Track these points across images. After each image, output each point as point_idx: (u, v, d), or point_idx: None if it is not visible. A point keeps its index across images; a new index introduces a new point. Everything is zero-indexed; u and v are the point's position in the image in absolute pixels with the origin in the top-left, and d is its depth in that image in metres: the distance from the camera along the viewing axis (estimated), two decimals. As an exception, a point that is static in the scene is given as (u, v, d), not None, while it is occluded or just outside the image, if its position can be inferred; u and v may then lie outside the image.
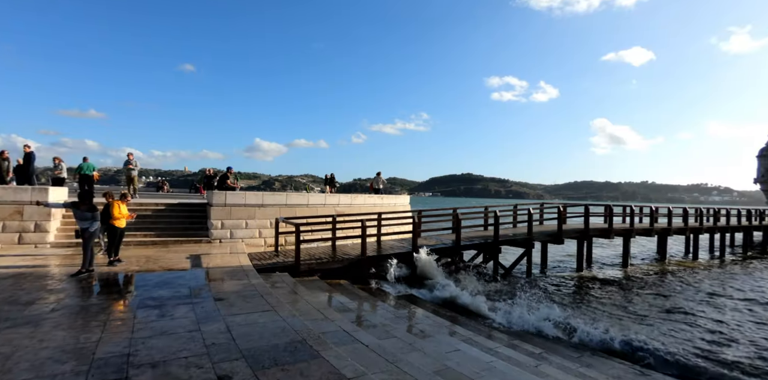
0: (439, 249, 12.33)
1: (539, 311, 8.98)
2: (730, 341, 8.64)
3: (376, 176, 19.89)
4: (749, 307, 11.62)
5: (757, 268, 18.96)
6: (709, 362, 7.37)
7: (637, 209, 18.82)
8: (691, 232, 21.24)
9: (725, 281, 15.54)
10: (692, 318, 10.26)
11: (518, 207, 16.33)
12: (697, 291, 13.51)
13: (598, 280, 14.60)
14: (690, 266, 18.70)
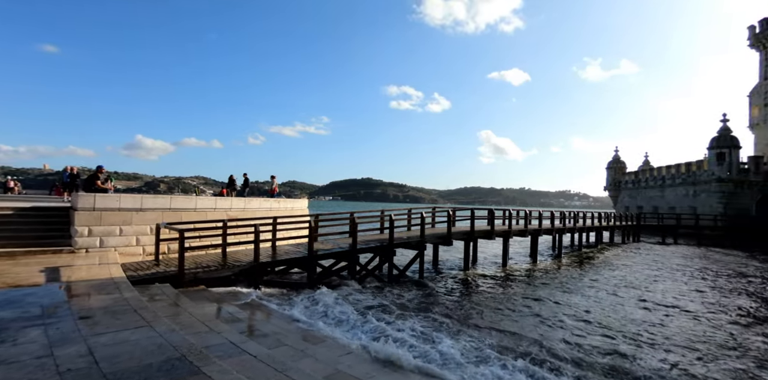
0: (336, 253, 12.36)
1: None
2: (593, 324, 10.10)
3: (270, 180, 19.28)
4: (606, 292, 13.72)
5: (607, 261, 22.44)
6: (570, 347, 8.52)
7: (514, 213, 21.03)
8: (556, 232, 24.39)
9: (584, 273, 18.11)
10: (555, 305, 11.77)
11: (412, 211, 17.13)
12: (560, 282, 15.54)
13: (481, 278, 15.96)
14: (555, 262, 21.47)
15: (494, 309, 11.32)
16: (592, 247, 28.98)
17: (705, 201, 37.17)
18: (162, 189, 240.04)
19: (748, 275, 18.56)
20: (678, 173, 41.62)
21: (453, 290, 13.49)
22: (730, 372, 7.38)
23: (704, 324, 10.45)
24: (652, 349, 8.45)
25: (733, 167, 35.08)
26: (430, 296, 12.23)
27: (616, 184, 52.92)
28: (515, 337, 8.85)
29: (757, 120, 39.35)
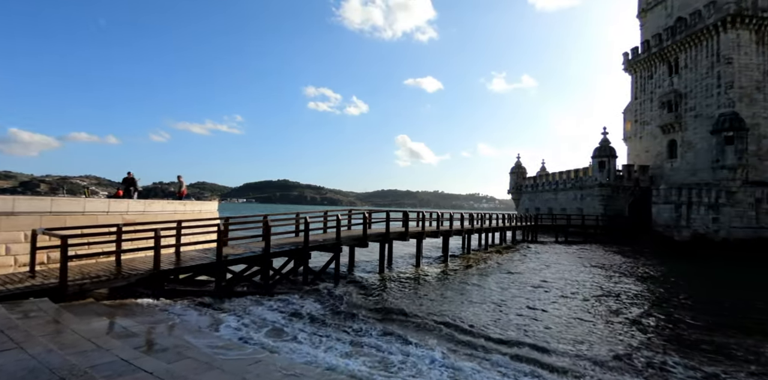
0: (247, 258, 11.85)
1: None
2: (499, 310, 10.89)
3: (177, 181, 17.91)
4: (508, 285, 14.87)
5: (512, 259, 24.37)
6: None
7: (427, 215, 21.95)
8: (466, 233, 25.94)
9: (481, 271, 19.47)
10: (466, 297, 12.53)
11: (328, 213, 17.04)
12: (468, 278, 16.55)
13: (395, 277, 16.40)
14: (464, 260, 22.81)
15: (409, 301, 11.72)
16: (497, 246, 31.28)
17: (590, 203, 42.17)
18: (43, 190, 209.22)
19: (605, 265, 21.48)
20: (569, 179, 46.70)
21: (368, 291, 13.67)
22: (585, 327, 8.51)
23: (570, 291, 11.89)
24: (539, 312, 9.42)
25: (611, 173, 40.29)
26: (344, 298, 12.26)
27: (518, 188, 57.79)
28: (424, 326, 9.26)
29: (629, 134, 45.67)
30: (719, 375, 7.52)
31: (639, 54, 42.86)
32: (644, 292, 15.42)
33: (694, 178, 35.42)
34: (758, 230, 32.24)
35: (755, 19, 32.85)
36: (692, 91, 36.49)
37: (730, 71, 33.15)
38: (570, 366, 7.69)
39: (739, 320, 11.47)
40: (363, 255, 21.50)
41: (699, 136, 35.44)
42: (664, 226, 34.49)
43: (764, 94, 33.28)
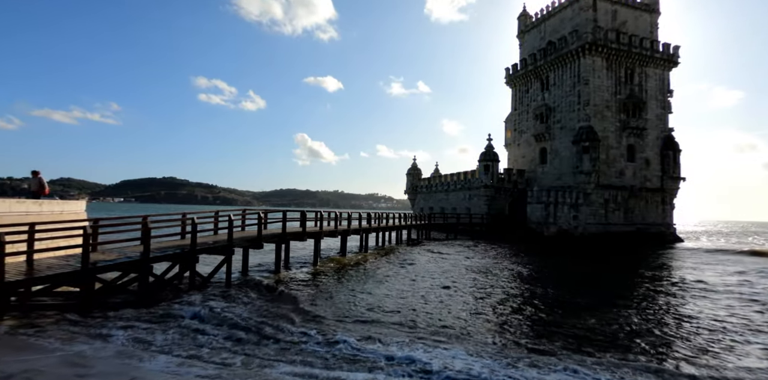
0: (122, 264, 10.58)
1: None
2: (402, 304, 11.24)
3: (32, 177, 15.21)
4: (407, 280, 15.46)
5: (406, 258, 25.42)
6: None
7: (326, 215, 21.88)
8: (364, 232, 26.43)
9: (379, 267, 20.08)
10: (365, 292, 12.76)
11: (220, 213, 16.01)
12: (368, 275, 16.89)
13: (292, 278, 16.04)
14: (362, 259, 23.22)
15: (307, 303, 11.55)
16: (393, 244, 32.45)
17: (476, 203, 46.02)
18: None
19: (486, 258, 23.84)
20: (459, 180, 50.40)
21: (261, 294, 13.16)
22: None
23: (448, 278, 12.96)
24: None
25: (494, 176, 44.48)
26: (233, 303, 11.63)
27: (414, 188, 60.67)
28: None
29: (509, 141, 50.93)
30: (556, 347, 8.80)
31: (518, 70, 47.99)
32: (509, 278, 17.34)
33: (560, 181, 40.75)
34: (606, 226, 38.32)
35: (605, 49, 38.98)
36: (559, 106, 41.97)
37: (587, 91, 38.85)
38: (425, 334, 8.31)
39: (575, 299, 13.55)
40: (258, 257, 20.65)
41: (564, 145, 40.88)
42: (536, 223, 39.09)
43: (611, 111, 39.66)
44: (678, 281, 18.44)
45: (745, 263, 25.82)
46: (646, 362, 8.16)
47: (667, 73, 42.44)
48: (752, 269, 22.64)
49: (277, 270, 16.97)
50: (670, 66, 42.31)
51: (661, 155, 41.45)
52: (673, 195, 41.95)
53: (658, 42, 41.84)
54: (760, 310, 12.91)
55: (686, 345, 9.34)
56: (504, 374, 7.12)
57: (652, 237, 39.81)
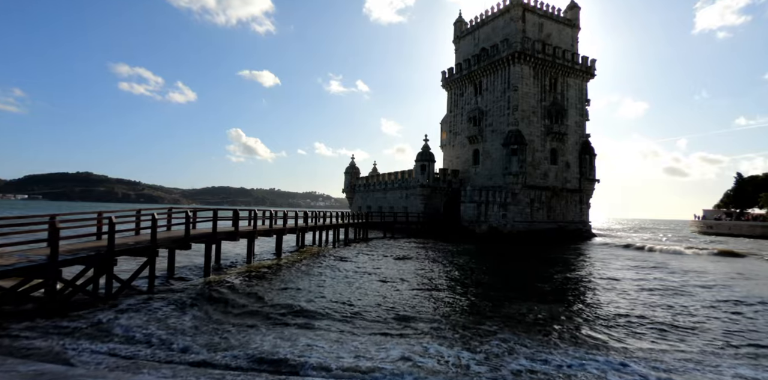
0: (22, 269, 9.50)
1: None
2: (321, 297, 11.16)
3: None
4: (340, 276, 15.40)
5: (343, 255, 25.35)
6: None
7: (260, 213, 21.23)
8: (300, 231, 26.00)
9: (317, 265, 19.90)
10: (297, 289, 12.56)
11: (142, 212, 14.93)
12: (302, 273, 16.62)
13: (223, 280, 15.37)
14: (298, 258, 22.84)
15: (237, 309, 11.14)
16: (331, 243, 32.26)
17: (413, 202, 47.09)
18: None
19: (419, 254, 24.65)
20: (396, 179, 51.25)
21: (184, 298, 12.48)
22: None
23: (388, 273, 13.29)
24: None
25: (430, 176, 45.80)
26: (151, 310, 10.94)
27: (352, 187, 60.70)
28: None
29: (445, 142, 52.72)
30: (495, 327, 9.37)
31: (453, 74, 49.78)
32: (443, 273, 18.04)
33: (491, 182, 42.92)
34: (532, 223, 40.99)
35: (533, 58, 41.65)
36: (491, 110, 44.16)
37: (515, 97, 41.27)
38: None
39: (505, 291, 14.47)
40: (187, 258, 19.55)
41: (495, 147, 43.10)
42: (469, 221, 40.87)
43: (537, 117, 42.48)
44: (588, 273, 20.25)
45: (645, 258, 28.91)
46: (569, 335, 8.92)
47: (585, 83, 46.29)
48: (649, 263, 25.44)
49: (206, 272, 16.15)
50: (588, 77, 46.20)
51: (579, 159, 45.14)
52: (589, 195, 45.86)
53: (578, 55, 45.53)
54: (650, 295, 14.61)
55: (594, 321, 10.33)
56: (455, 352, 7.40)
57: (571, 233, 43.28)
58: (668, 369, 7.76)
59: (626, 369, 7.70)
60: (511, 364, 7.80)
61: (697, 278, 19.23)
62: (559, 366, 7.76)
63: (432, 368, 7.55)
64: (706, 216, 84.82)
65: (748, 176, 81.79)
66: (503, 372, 7.48)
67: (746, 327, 10.99)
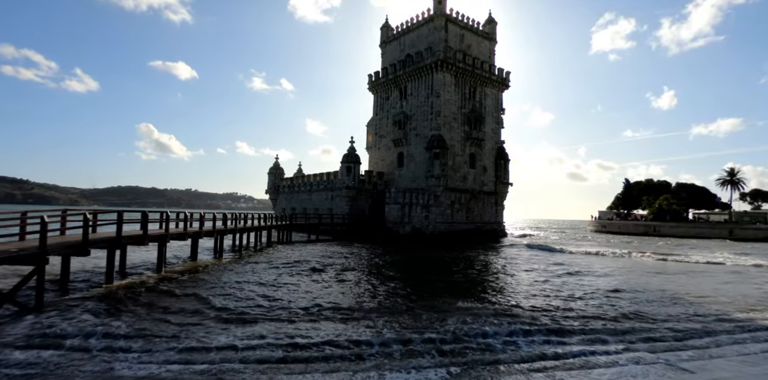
0: None
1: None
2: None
3: None
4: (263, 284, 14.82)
5: (267, 258, 24.50)
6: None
7: (173, 215, 19.78)
8: (218, 234, 24.67)
9: (244, 271, 19.06)
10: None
11: (30, 215, 13.17)
12: (222, 281, 15.78)
13: (128, 288, 14.11)
14: (216, 262, 21.65)
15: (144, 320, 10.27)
16: (253, 246, 31.06)
17: (339, 204, 46.98)
18: None
19: (345, 255, 24.83)
20: (322, 181, 50.78)
21: (84, 312, 11.28)
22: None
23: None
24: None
25: (356, 178, 46.04)
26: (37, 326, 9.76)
27: (276, 188, 58.96)
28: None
29: (371, 144, 53.35)
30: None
31: (380, 78, 50.60)
32: (373, 271, 18.29)
33: (415, 184, 44.26)
34: (452, 224, 42.95)
35: (454, 67, 43.79)
36: (415, 115, 45.60)
37: (438, 103, 43.05)
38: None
39: (429, 286, 15.09)
40: (84, 264, 17.63)
41: (418, 150, 44.54)
42: (393, 222, 41.74)
43: (458, 123, 44.70)
44: (500, 266, 21.78)
45: (547, 255, 31.76)
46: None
47: (501, 93, 49.68)
48: (551, 260, 28.04)
49: (108, 280, 14.70)
50: (503, 88, 49.65)
51: (495, 164, 48.27)
52: (503, 198, 49.20)
53: (495, 66, 48.77)
54: (545, 279, 16.15)
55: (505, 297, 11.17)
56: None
57: (487, 233, 46.10)
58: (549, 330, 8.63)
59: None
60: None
61: (587, 271, 21.55)
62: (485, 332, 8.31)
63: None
64: (601, 217, 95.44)
65: (634, 182, 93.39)
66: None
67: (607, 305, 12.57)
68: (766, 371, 7.07)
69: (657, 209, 76.20)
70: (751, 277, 20.63)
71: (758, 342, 9.42)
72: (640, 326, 10.86)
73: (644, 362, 7.83)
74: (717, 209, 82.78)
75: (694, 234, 62.61)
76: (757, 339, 9.70)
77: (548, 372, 7.31)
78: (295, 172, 60.18)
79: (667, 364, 7.58)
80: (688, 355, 8.30)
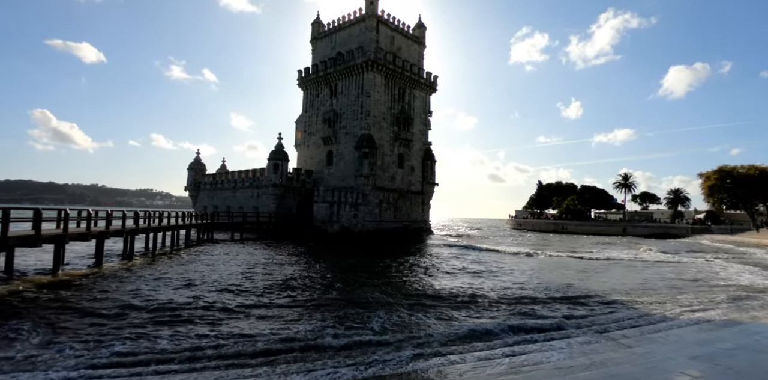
0: None
1: None
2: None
3: None
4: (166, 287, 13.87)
5: (186, 259, 22.98)
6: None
7: (74, 213, 17.89)
8: (128, 234, 22.69)
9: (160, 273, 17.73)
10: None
11: None
12: (128, 289, 14.54)
13: (16, 294, 12.50)
14: (125, 265, 19.91)
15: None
16: (169, 246, 29.02)
17: (265, 202, 45.50)
18: None
19: (269, 255, 24.31)
20: (247, 178, 48.83)
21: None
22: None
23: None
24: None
25: (284, 175, 44.92)
26: None
27: (197, 184, 55.55)
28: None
29: (299, 141, 52.34)
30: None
31: (310, 74, 49.84)
32: (292, 272, 18.03)
33: (344, 183, 44.26)
34: (380, 223, 43.60)
35: (384, 68, 44.45)
36: (345, 113, 45.58)
37: (368, 103, 43.44)
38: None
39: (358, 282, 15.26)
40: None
41: (348, 149, 44.60)
42: (321, 221, 41.40)
43: (387, 123, 45.47)
44: (422, 261, 22.61)
45: (468, 252, 33.57)
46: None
47: (428, 96, 51.37)
48: (471, 256, 29.69)
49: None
50: (431, 91, 51.39)
51: (422, 164, 49.83)
52: (429, 197, 50.95)
53: (424, 70, 50.31)
54: (466, 273, 17.16)
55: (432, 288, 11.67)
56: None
57: (414, 231, 47.47)
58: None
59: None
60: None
61: (496, 266, 23.18)
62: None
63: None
64: (517, 216, 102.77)
65: (546, 184, 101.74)
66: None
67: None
68: (617, 336, 8.10)
69: (565, 209, 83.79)
70: (639, 270, 23.53)
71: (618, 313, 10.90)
72: (521, 308, 12.06)
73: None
74: (614, 209, 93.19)
75: (595, 231, 69.86)
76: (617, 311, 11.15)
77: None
78: (219, 168, 57.24)
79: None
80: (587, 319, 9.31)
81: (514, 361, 7.12)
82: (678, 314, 11.76)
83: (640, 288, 16.83)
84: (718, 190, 67.20)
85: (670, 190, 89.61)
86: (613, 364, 6.05)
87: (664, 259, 29.33)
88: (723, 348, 6.81)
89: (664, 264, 26.29)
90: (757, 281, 19.02)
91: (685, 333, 8.45)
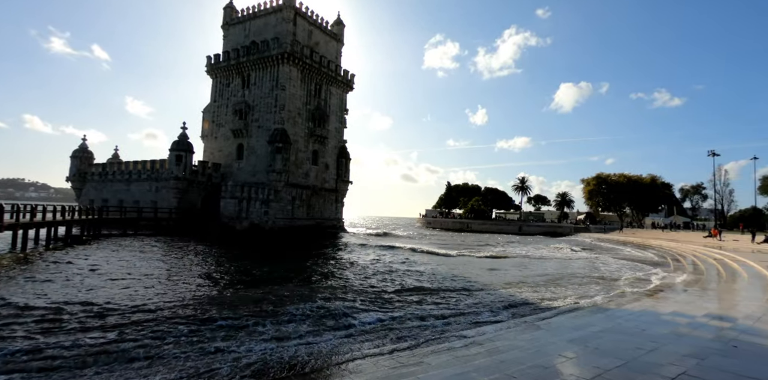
0: None
1: None
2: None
3: None
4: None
5: (64, 259, 20.23)
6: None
7: None
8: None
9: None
10: None
11: None
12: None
13: None
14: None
15: None
16: (43, 245, 25.43)
17: (165, 196, 41.87)
18: None
19: (166, 254, 22.70)
20: (144, 170, 44.47)
21: None
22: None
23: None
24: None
25: (187, 168, 41.73)
26: None
27: (82, 175, 49.19)
28: None
29: (206, 132, 48.97)
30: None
31: (220, 61, 46.95)
32: (197, 269, 16.98)
33: (254, 178, 42.50)
34: (292, 220, 42.69)
35: (301, 62, 43.55)
36: (258, 106, 43.77)
37: (283, 96, 42.23)
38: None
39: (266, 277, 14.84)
40: None
41: (260, 143, 42.91)
42: (229, 218, 39.30)
43: (302, 119, 44.62)
44: (330, 257, 22.73)
45: (382, 249, 34.43)
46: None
47: (345, 94, 51.44)
48: (383, 253, 30.50)
49: None
50: (348, 89, 51.53)
51: (337, 162, 49.77)
52: (343, 195, 51.08)
53: (341, 67, 50.24)
54: (381, 270, 17.68)
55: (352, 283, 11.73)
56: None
57: (328, 229, 47.26)
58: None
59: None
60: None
61: (406, 262, 24.20)
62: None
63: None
64: (427, 215, 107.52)
65: (454, 185, 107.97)
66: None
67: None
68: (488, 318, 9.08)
69: (470, 209, 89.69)
70: (527, 264, 26.11)
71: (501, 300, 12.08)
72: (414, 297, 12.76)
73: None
74: (512, 210, 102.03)
75: (496, 230, 75.89)
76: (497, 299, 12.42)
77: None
78: (110, 157, 51.51)
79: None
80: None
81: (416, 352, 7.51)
82: (560, 304, 13.34)
83: (524, 282, 18.71)
84: (595, 194, 77.40)
85: (558, 193, 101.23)
86: (505, 350, 6.68)
87: (562, 256, 32.94)
88: (593, 331, 7.85)
89: (553, 260, 29.52)
90: (619, 273, 22.25)
91: (564, 319, 9.58)
